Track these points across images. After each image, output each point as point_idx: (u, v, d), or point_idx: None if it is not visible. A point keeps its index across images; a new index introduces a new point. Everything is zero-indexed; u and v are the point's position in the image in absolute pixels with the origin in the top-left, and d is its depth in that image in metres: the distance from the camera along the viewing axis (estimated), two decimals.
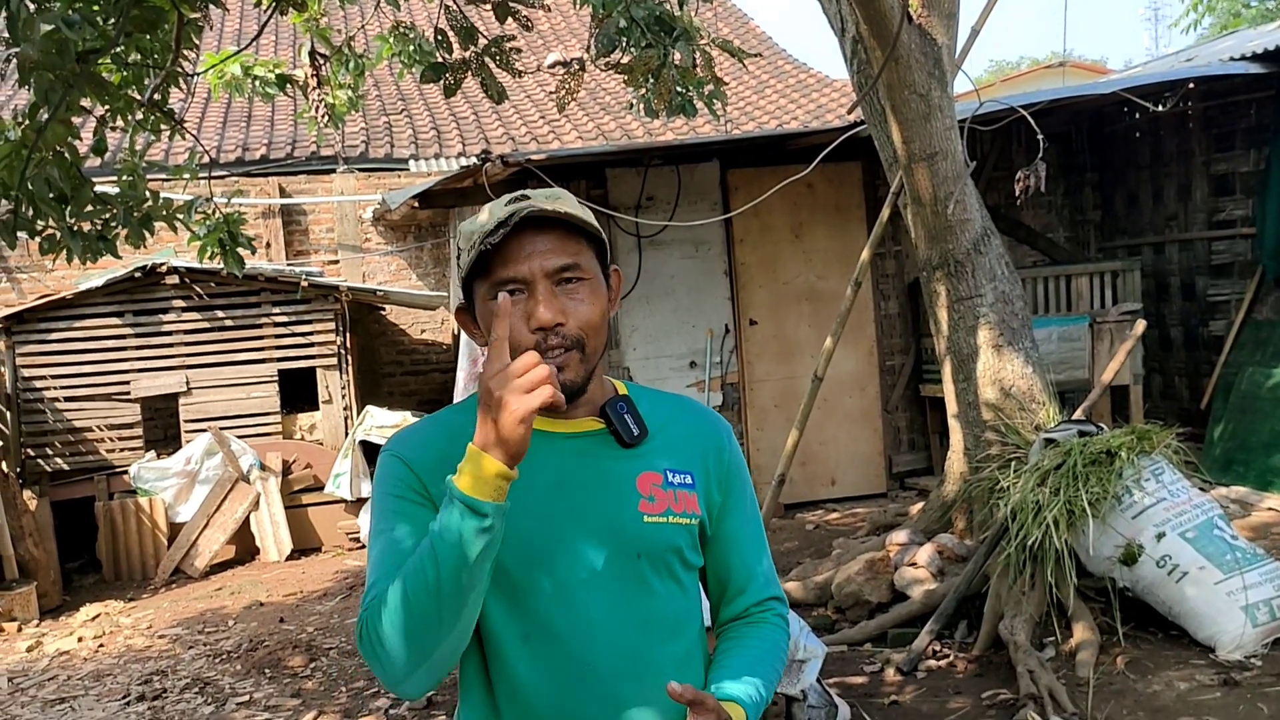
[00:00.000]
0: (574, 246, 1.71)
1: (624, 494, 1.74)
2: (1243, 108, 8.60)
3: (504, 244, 1.67)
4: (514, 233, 1.66)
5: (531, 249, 1.67)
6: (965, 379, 5.94)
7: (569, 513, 1.71)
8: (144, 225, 4.13)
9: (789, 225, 9.12)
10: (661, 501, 1.75)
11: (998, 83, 22.40)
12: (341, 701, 5.58)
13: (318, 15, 6.02)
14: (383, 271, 11.11)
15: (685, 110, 4.57)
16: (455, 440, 1.67)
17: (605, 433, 1.77)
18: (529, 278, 1.67)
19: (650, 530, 1.73)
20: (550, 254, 1.68)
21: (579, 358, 1.70)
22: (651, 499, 1.74)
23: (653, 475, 1.76)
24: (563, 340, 1.67)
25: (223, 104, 12.62)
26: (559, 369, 1.66)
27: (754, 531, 1.91)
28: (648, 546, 1.73)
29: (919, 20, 5.47)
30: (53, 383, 8.89)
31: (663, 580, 1.76)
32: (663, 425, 1.82)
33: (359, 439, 9.04)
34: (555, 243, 1.69)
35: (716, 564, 1.88)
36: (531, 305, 1.66)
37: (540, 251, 1.68)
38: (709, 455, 1.85)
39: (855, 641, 5.62)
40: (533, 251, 1.67)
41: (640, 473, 1.76)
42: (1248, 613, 4.78)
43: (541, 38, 15.69)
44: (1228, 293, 8.85)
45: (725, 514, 1.86)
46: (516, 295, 1.67)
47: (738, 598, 1.89)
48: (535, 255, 1.67)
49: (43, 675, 6.46)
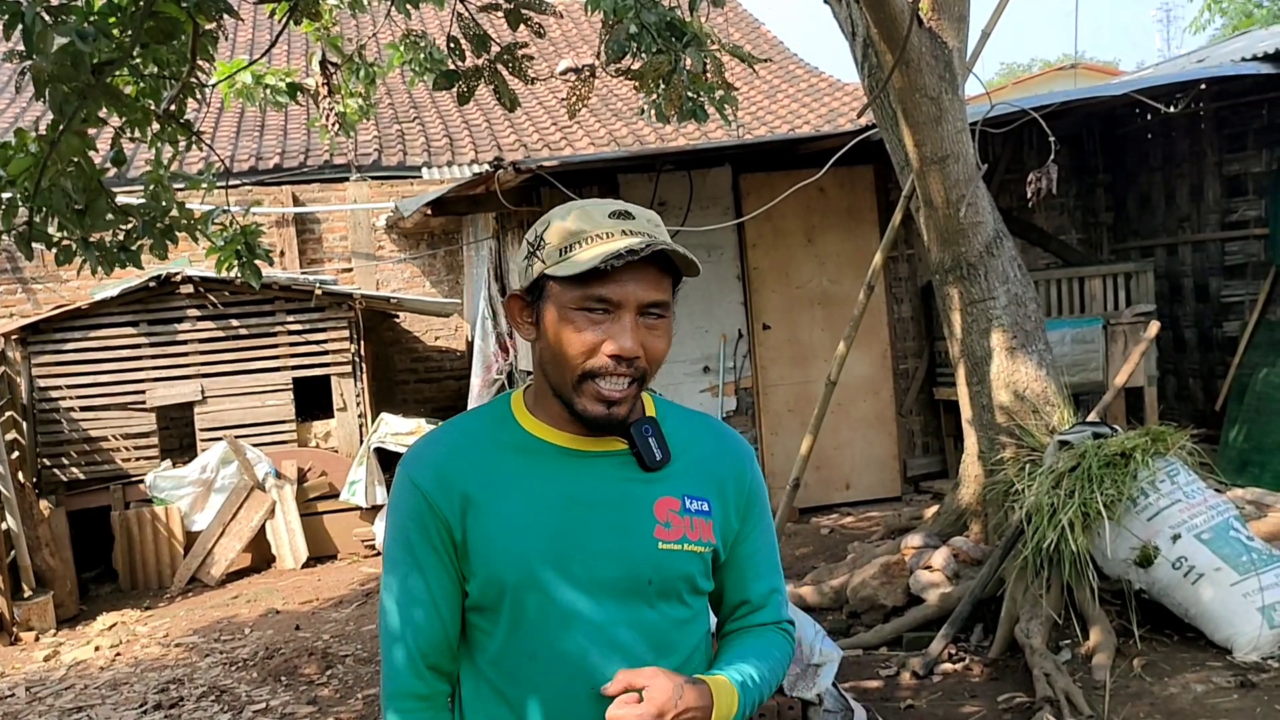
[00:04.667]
0: (666, 284, 1.72)
1: (640, 518, 1.72)
2: (1255, 108, 8.58)
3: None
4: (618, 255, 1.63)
5: (634, 277, 1.66)
6: (979, 382, 5.93)
7: (582, 532, 1.70)
8: (167, 236, 4.15)
9: (801, 229, 9.12)
10: (677, 529, 1.74)
11: (1009, 85, 22.36)
12: (357, 709, 5.59)
13: (329, 24, 6.05)
14: (396, 279, 11.14)
15: (696, 115, 4.59)
16: (470, 448, 1.73)
17: (628, 453, 1.75)
18: (622, 303, 1.66)
19: (664, 557, 1.72)
20: (649, 288, 1.68)
21: (636, 391, 1.70)
22: (668, 525, 1.73)
23: (670, 501, 1.75)
24: (632, 372, 1.67)
25: (236, 113, 12.68)
26: (616, 402, 1.67)
27: (769, 556, 1.91)
28: (660, 573, 1.72)
29: (929, 23, 5.47)
30: (68, 392, 8.93)
31: (671, 605, 1.76)
32: (686, 447, 1.80)
33: (374, 446, 9.06)
34: (655, 277, 1.69)
35: (729, 587, 1.88)
36: (617, 330, 1.65)
37: (641, 281, 1.67)
38: (729, 482, 1.84)
39: (871, 645, 5.61)
40: (635, 280, 1.66)
41: (659, 498, 1.74)
42: (1264, 614, 4.76)
43: (553, 44, 15.72)
44: (1241, 293, 8.82)
45: (742, 540, 1.85)
46: (598, 314, 1.66)
47: (748, 617, 1.89)
48: (635, 285, 1.66)
49: (60, 684, 6.48)
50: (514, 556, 1.68)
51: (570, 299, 1.66)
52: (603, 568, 1.69)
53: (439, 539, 1.71)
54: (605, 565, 1.69)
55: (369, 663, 6.32)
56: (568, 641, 1.68)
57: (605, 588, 1.69)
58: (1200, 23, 21.42)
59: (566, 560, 1.68)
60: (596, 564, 1.69)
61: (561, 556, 1.68)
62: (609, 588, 1.70)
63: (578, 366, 1.66)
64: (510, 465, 1.73)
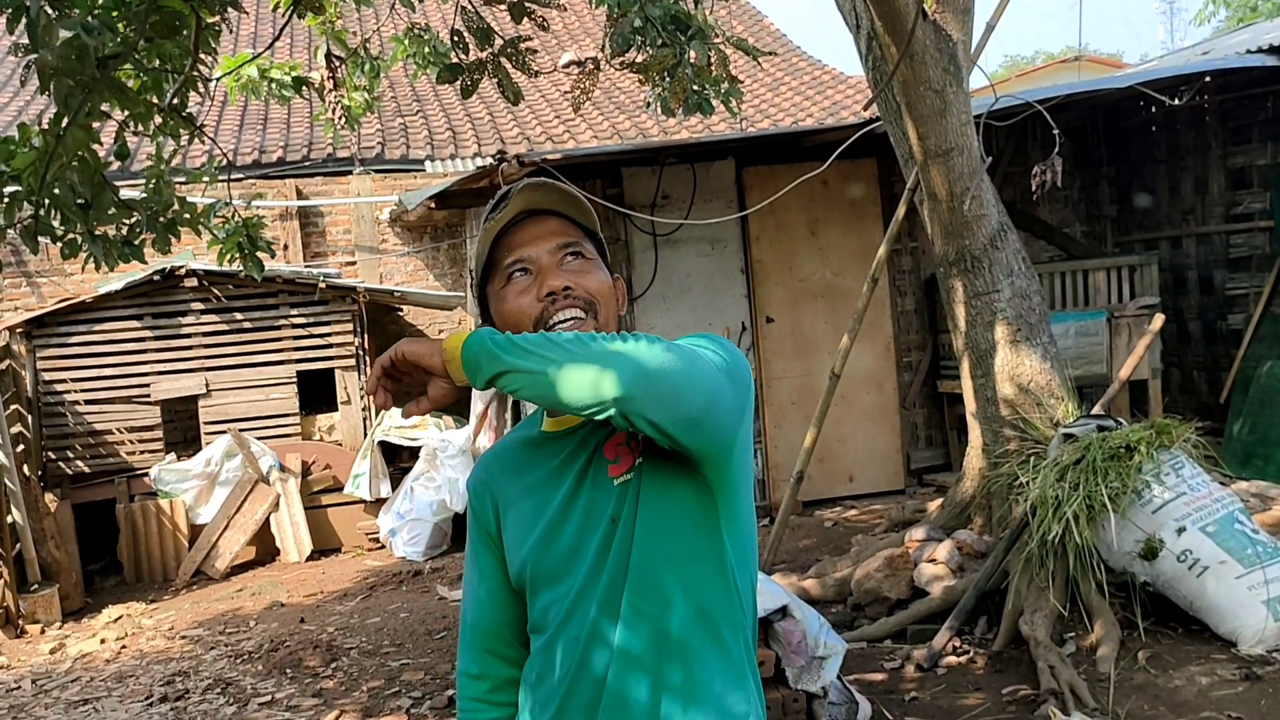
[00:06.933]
0: (576, 232, 1.79)
1: (600, 468, 1.70)
2: (1259, 100, 8.56)
3: (507, 235, 1.77)
4: (515, 224, 1.77)
5: (535, 232, 1.76)
6: (983, 375, 5.93)
7: (575, 513, 1.70)
8: (169, 230, 4.15)
9: (805, 222, 9.11)
10: (625, 459, 1.69)
11: (1013, 78, 22.35)
12: (362, 701, 5.61)
13: (333, 18, 6.04)
14: (400, 272, 11.14)
15: (701, 109, 4.58)
16: (506, 449, 1.85)
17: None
18: (532, 256, 1.74)
19: (620, 491, 1.67)
20: (549, 234, 1.76)
21: (593, 324, 1.72)
22: (618, 460, 1.69)
23: (618, 435, 1.70)
24: (573, 300, 1.71)
25: (239, 107, 12.67)
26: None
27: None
28: (621, 508, 1.67)
29: (934, 16, 5.46)
30: (73, 386, 8.94)
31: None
32: None
33: (377, 439, 9.07)
34: (555, 226, 1.78)
35: None
36: (541, 278, 1.73)
37: (544, 234, 1.76)
38: None
39: (875, 638, 5.62)
40: (536, 235, 1.76)
41: (606, 440, 1.71)
42: (1269, 607, 4.76)
43: (556, 37, 15.70)
44: (1246, 286, 8.82)
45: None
46: (522, 277, 1.74)
47: None
48: (540, 237, 1.76)
49: (66, 677, 6.50)
50: (520, 551, 1.75)
51: (499, 283, 1.77)
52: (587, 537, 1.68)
53: (486, 535, 1.83)
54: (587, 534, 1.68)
55: (373, 655, 6.33)
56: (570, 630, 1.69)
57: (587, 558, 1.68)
58: (1205, 15, 21.38)
59: (569, 553, 1.69)
60: (585, 538, 1.68)
61: (566, 550, 1.69)
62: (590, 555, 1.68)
63: (529, 323, 1.71)
64: (526, 461, 1.80)
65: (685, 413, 1.52)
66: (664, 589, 1.64)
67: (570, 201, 1.79)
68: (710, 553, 1.68)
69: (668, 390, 1.50)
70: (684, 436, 1.54)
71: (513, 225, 1.77)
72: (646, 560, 1.64)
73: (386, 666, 6.11)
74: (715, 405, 1.56)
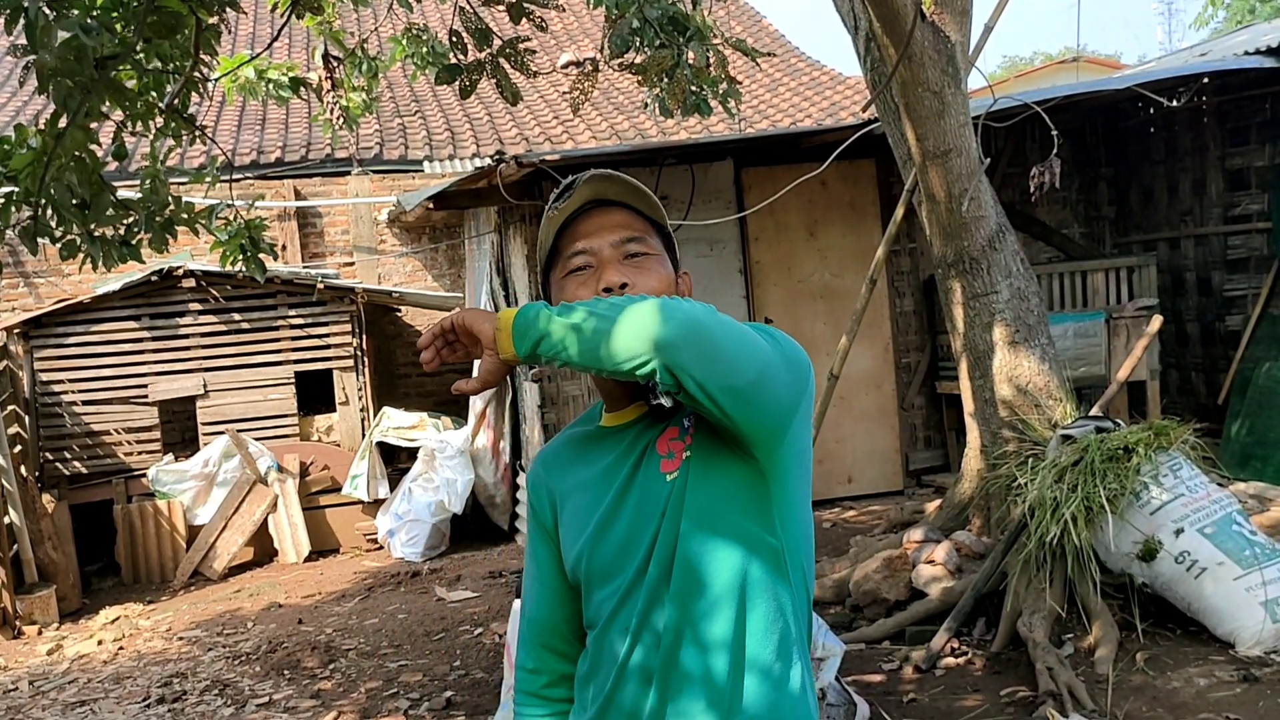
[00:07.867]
0: (641, 225, 1.78)
1: (652, 463, 1.69)
2: (1257, 102, 8.56)
3: (572, 224, 1.76)
4: (581, 213, 1.76)
5: (600, 223, 1.75)
6: (981, 376, 5.93)
7: (627, 508, 1.69)
8: (166, 230, 4.14)
9: (803, 223, 9.11)
10: (678, 454, 1.67)
11: (1011, 79, 22.37)
12: (360, 702, 5.60)
13: (331, 18, 6.04)
14: (398, 273, 11.14)
15: (700, 109, 4.58)
16: (563, 444, 1.85)
17: (649, 414, 1.73)
18: (598, 249, 1.74)
19: (671, 486, 1.66)
20: (615, 227, 1.75)
21: None
22: (670, 455, 1.68)
23: (671, 430, 1.70)
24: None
25: (237, 107, 12.67)
26: None
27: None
28: (668, 503, 1.66)
29: (932, 17, 5.46)
30: (70, 387, 8.94)
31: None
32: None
33: (376, 440, 9.07)
34: (622, 218, 1.77)
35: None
36: (601, 273, 1.72)
37: (608, 225, 1.75)
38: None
39: (873, 639, 5.62)
40: (601, 225, 1.75)
41: (659, 436, 1.71)
42: (1267, 608, 4.76)
43: (554, 38, 15.71)
44: (1244, 287, 8.81)
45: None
46: (583, 272, 1.74)
47: None
48: (604, 229, 1.75)
49: (63, 678, 6.49)
50: (575, 546, 1.75)
51: (561, 274, 1.77)
52: (636, 537, 1.68)
53: (543, 530, 1.84)
54: (637, 533, 1.68)
55: (371, 656, 6.33)
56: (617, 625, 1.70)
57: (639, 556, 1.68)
58: (1204, 17, 21.39)
59: (617, 552, 1.69)
60: (633, 539, 1.68)
61: (613, 549, 1.69)
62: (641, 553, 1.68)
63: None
64: (582, 456, 1.80)
65: (733, 381, 1.51)
66: (712, 580, 1.64)
67: (637, 194, 1.78)
68: (762, 539, 1.66)
69: (716, 351, 1.50)
70: (731, 407, 1.52)
71: (578, 215, 1.77)
72: (695, 551, 1.63)
73: (384, 668, 6.11)
74: (766, 382, 1.55)
